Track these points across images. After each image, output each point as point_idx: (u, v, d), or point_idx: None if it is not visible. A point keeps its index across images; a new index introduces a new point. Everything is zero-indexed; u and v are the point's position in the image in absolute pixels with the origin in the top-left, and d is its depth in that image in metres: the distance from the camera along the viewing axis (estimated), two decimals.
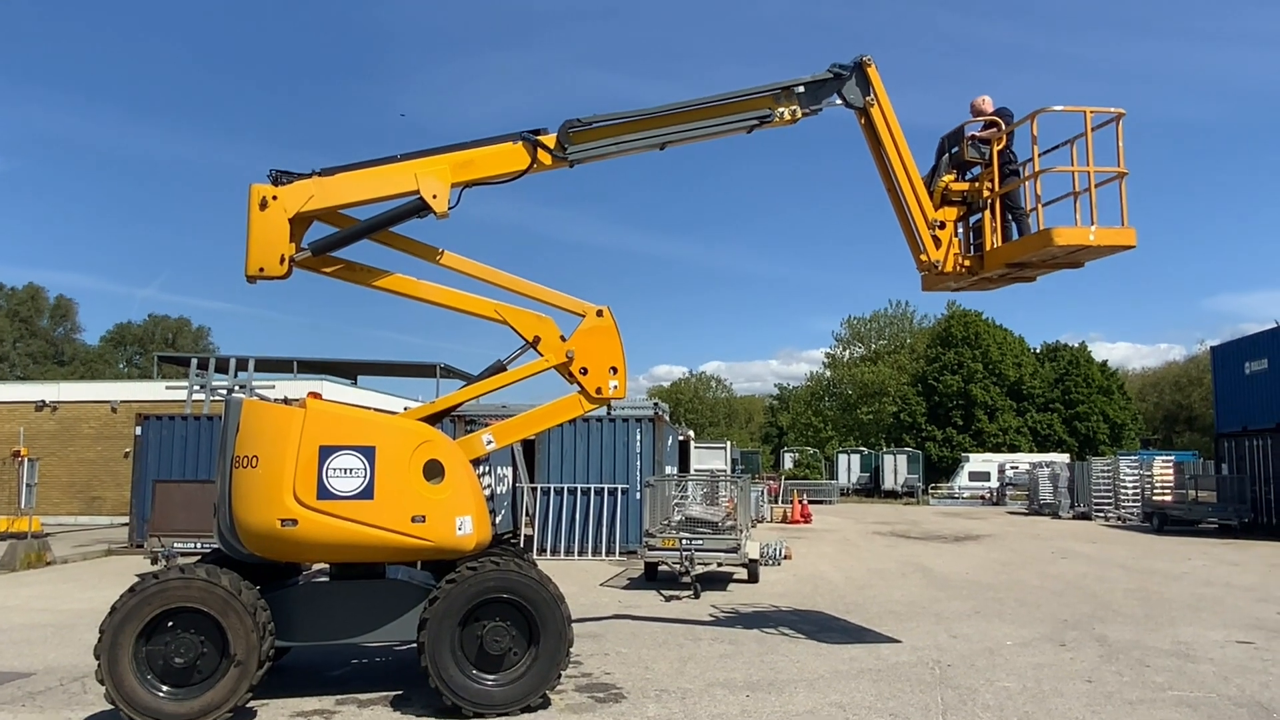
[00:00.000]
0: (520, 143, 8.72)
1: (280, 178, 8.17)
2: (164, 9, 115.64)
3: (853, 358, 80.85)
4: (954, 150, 10.03)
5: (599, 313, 8.69)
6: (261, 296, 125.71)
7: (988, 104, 10.06)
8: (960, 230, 10.05)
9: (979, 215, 9.90)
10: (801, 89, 9.31)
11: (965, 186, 9.92)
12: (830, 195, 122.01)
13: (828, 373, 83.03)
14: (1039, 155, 9.29)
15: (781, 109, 9.22)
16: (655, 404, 27.19)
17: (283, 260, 8.05)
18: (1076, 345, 70.75)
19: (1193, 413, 78.95)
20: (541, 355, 8.61)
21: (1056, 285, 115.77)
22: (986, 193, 9.74)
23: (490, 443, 8.48)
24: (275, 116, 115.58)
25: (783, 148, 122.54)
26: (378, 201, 8.43)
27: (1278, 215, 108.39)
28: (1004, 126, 9.75)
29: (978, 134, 9.93)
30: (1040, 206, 9.24)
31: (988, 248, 9.71)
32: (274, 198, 8.07)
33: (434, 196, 8.35)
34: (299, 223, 8.21)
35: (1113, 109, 9.07)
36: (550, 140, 8.81)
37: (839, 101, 9.45)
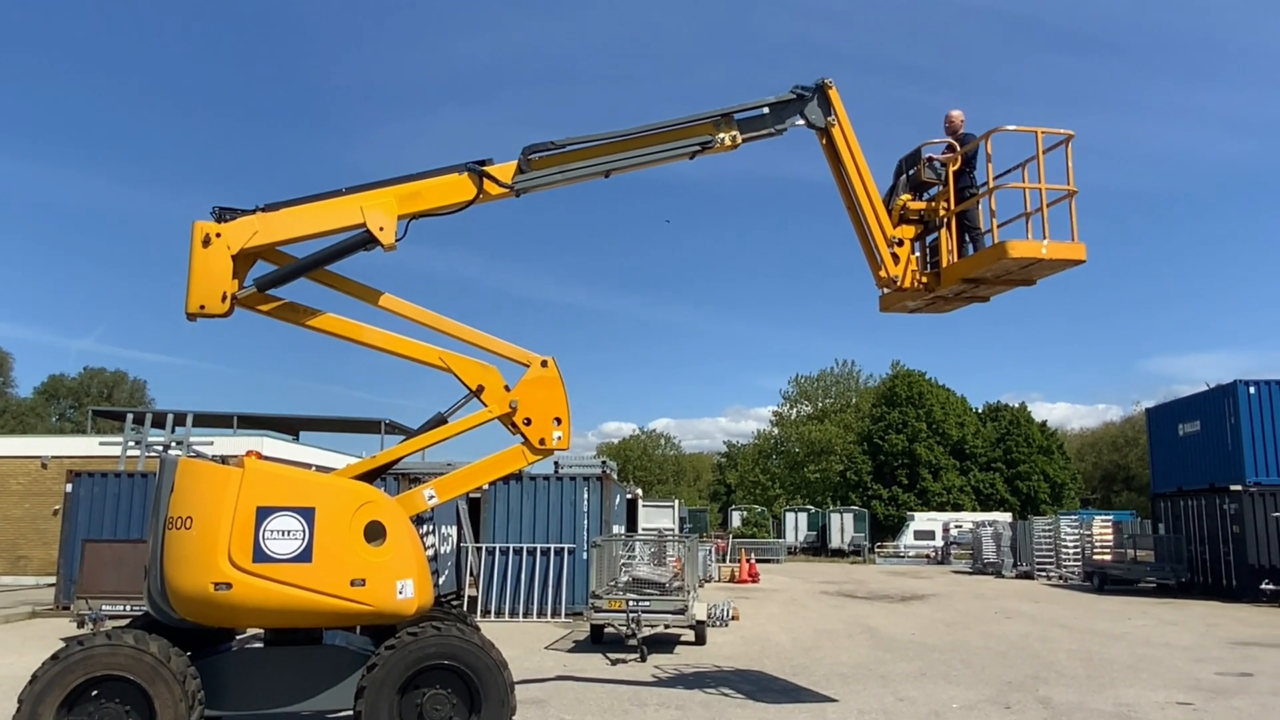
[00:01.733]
0: (466, 173, 8.72)
1: (224, 214, 8.11)
2: (104, 53, 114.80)
3: (800, 416, 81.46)
4: (911, 172, 10.29)
5: (544, 363, 8.69)
6: (202, 349, 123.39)
7: (960, 119, 10.37)
8: (917, 249, 10.28)
9: (935, 235, 10.15)
10: (766, 110, 9.53)
11: (922, 206, 10.18)
12: (778, 256, 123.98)
13: (775, 431, 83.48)
14: (993, 175, 9.57)
15: (722, 135, 9.36)
16: (603, 462, 27.01)
17: (224, 298, 7.95)
18: (1017, 405, 72.23)
19: (1130, 473, 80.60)
20: (485, 406, 8.56)
21: (998, 345, 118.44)
22: (943, 211, 10.01)
23: (432, 498, 8.36)
24: (223, 166, 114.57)
25: (734, 211, 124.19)
26: (323, 236, 8.38)
27: (1208, 280, 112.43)
28: (960, 149, 10.03)
29: (935, 155, 10.20)
30: (995, 224, 9.52)
31: (944, 265, 9.94)
32: (217, 234, 8.00)
33: (380, 229, 8.31)
34: (242, 260, 8.13)
35: (1063, 130, 9.39)
36: (499, 170, 8.83)
37: (801, 121, 9.67)
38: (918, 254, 10.24)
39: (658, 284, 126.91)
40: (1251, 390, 27.46)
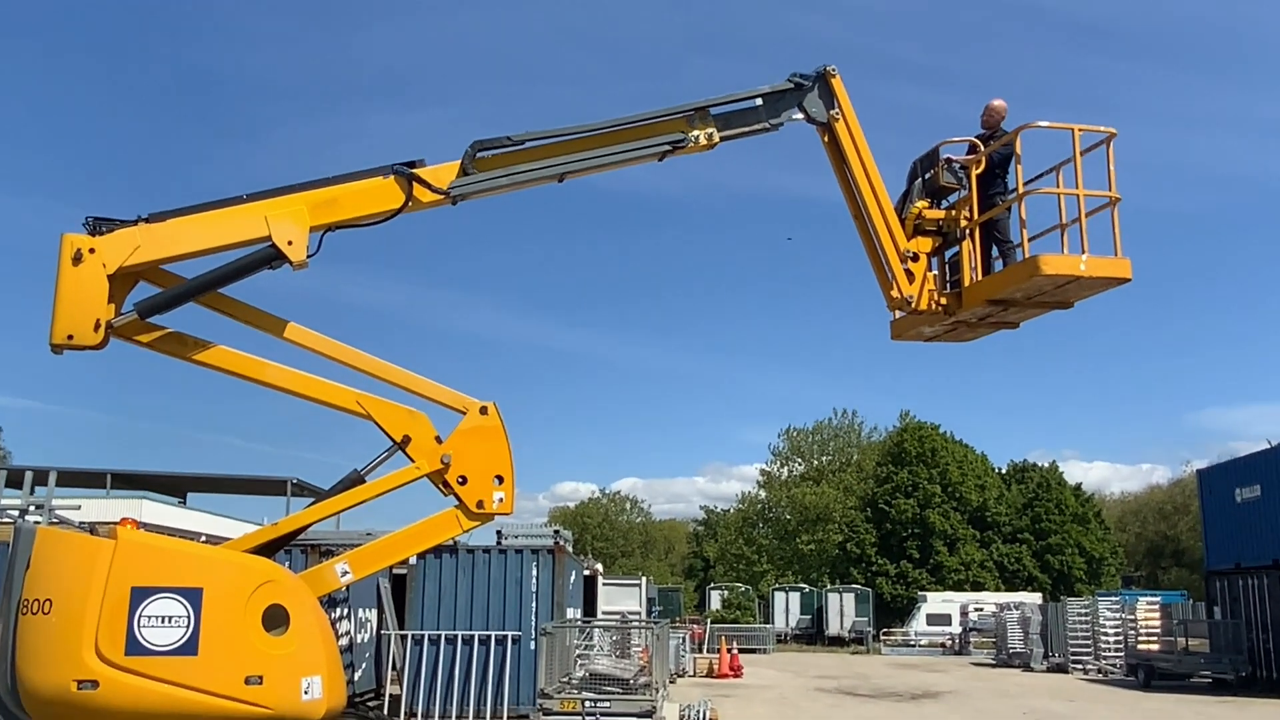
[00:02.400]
0: (393, 176, 8.67)
1: (99, 226, 8.01)
2: None
3: (792, 476, 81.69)
4: (927, 176, 10.37)
5: (483, 409, 8.64)
6: (69, 390, 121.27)
7: (1002, 109, 10.49)
8: (935, 266, 10.36)
9: (956, 249, 10.26)
10: (759, 102, 9.57)
11: (941, 215, 10.27)
12: (767, 286, 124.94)
13: (762, 493, 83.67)
14: (1023, 179, 9.71)
15: (696, 132, 9.38)
16: (556, 531, 26.81)
17: (98, 326, 7.85)
18: (1046, 465, 73.03)
19: (1180, 545, 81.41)
20: (411, 461, 8.47)
21: (1024, 393, 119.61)
22: (964, 222, 10.09)
23: (346, 574, 8.28)
24: (99, 170, 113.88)
25: (714, 231, 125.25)
26: (219, 251, 8.30)
27: (1269, 319, 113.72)
28: (984, 148, 10.16)
29: (955, 157, 10.30)
30: (1025, 235, 9.62)
31: (966, 284, 10.02)
32: (91, 250, 7.89)
33: (289, 243, 8.24)
34: (120, 282, 8.04)
35: (1103, 128, 9.56)
36: (432, 172, 8.77)
37: (799, 116, 9.72)
38: (935, 271, 10.32)
39: (624, 318, 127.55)
40: None
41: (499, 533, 27.83)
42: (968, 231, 10.08)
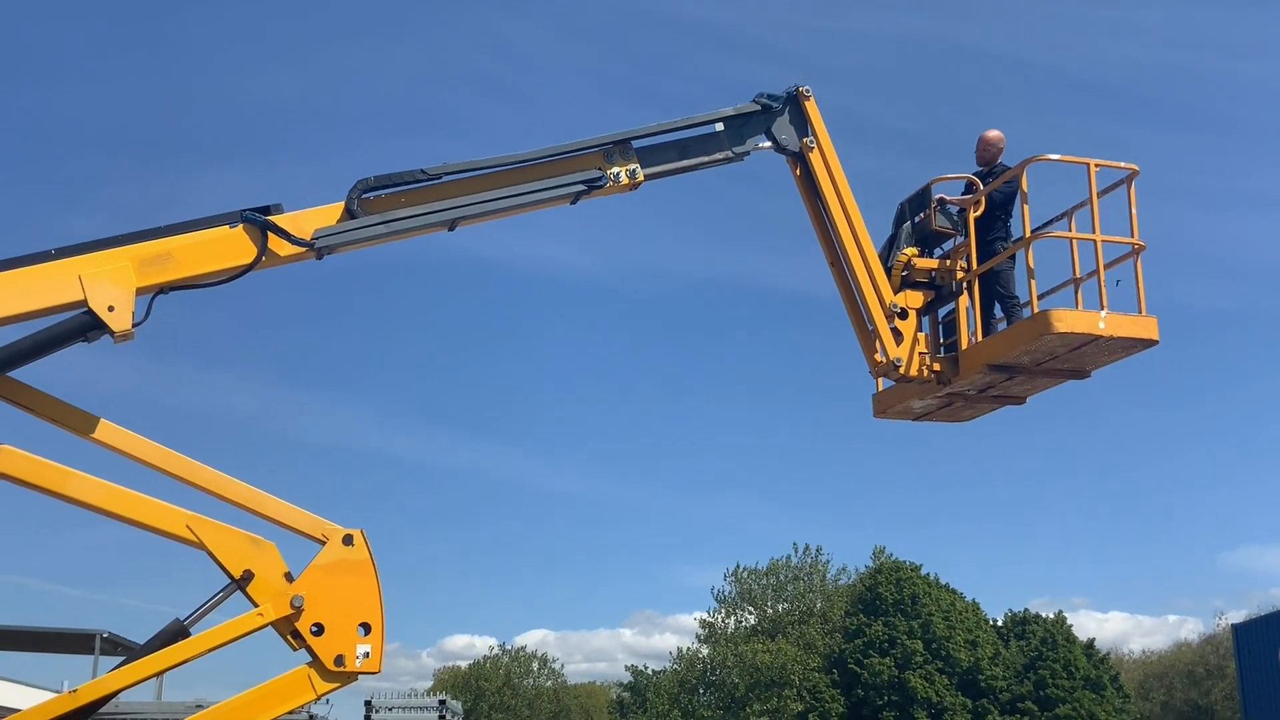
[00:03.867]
0: (242, 225, 8.56)
1: None
2: None
3: (741, 629, 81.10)
4: (917, 219, 10.71)
5: (347, 539, 8.41)
6: None
7: (999, 142, 10.90)
8: (927, 326, 10.60)
9: (951, 306, 10.53)
10: (721, 126, 9.75)
11: (934, 264, 10.52)
12: (713, 385, 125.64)
13: (704, 650, 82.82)
14: (1029, 223, 10.02)
15: (616, 169, 9.52)
16: (441, 702, 26.37)
17: None
18: (1052, 617, 73.28)
19: (1215, 715, 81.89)
20: (254, 604, 8.14)
21: (1024, 531, 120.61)
22: (961, 273, 10.34)
23: None
24: None
25: (647, 318, 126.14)
26: (20, 320, 8.07)
27: None
28: (983, 187, 10.46)
29: (950, 198, 10.62)
30: (1034, 288, 9.89)
31: (963, 346, 10.23)
32: None
33: (109, 308, 8.04)
34: None
35: (1124, 164, 9.92)
36: (292, 220, 8.70)
37: (766, 144, 9.94)
38: (927, 332, 10.55)
39: (528, 428, 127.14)
40: None
41: (368, 703, 27.19)
42: (965, 285, 10.44)
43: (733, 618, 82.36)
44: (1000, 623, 74.09)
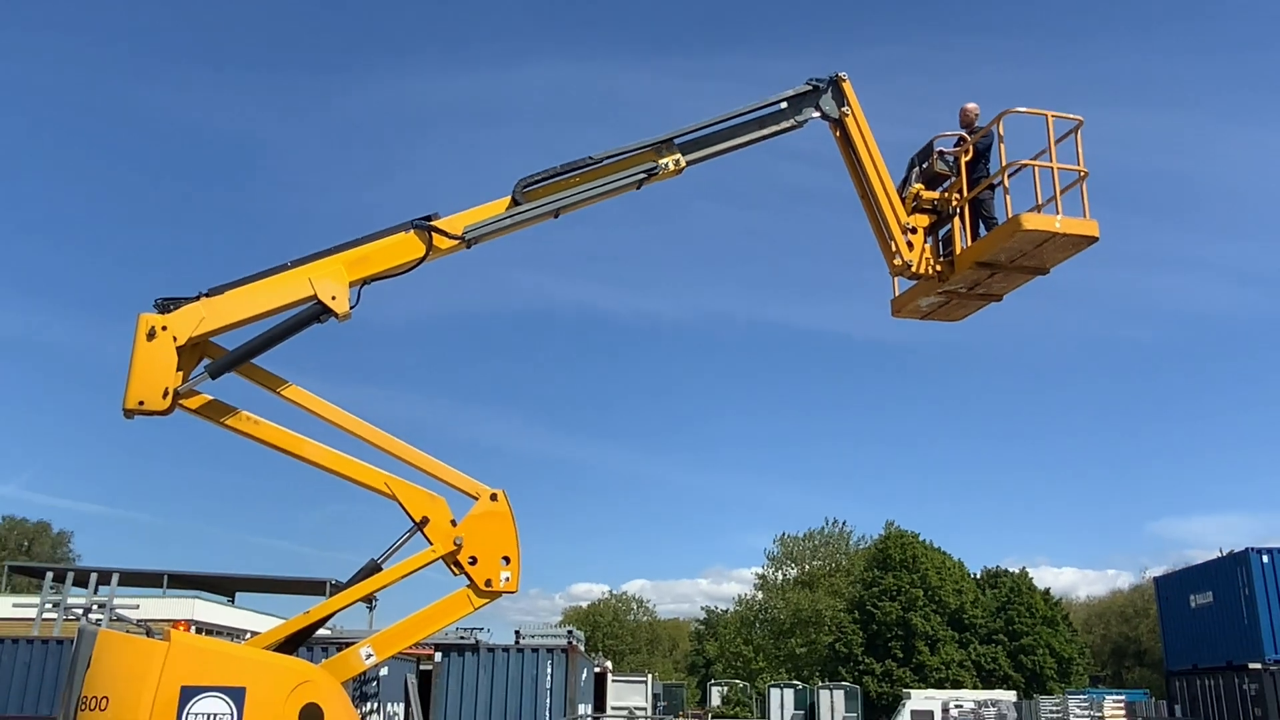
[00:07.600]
0: (413, 231, 8.80)
1: (167, 305, 8.12)
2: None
3: (786, 580, 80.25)
4: (923, 166, 10.95)
5: (494, 496, 8.49)
6: (135, 497, 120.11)
7: (975, 111, 11.11)
8: (931, 241, 10.84)
9: (949, 227, 10.73)
10: (784, 104, 10.01)
11: (936, 196, 10.80)
12: (769, 404, 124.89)
13: (759, 596, 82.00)
14: (1005, 157, 10.33)
15: (665, 160, 9.61)
16: (569, 631, 26.53)
17: (166, 394, 7.87)
18: (1018, 571, 71.54)
19: (1142, 646, 79.38)
20: (429, 542, 8.30)
21: (998, 506, 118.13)
22: (956, 201, 10.62)
23: (370, 657, 8.09)
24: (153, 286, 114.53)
25: (718, 356, 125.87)
26: (273, 314, 8.39)
27: (1218, 436, 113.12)
28: (970, 139, 10.76)
29: (946, 149, 10.88)
30: (1010, 207, 10.13)
31: (958, 252, 10.46)
32: (163, 327, 7.97)
33: (333, 298, 8.36)
34: (188, 352, 8.11)
35: (1073, 115, 10.31)
36: (447, 223, 8.90)
37: (816, 114, 10.19)
38: (931, 244, 10.82)
39: (633, 431, 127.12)
40: (1265, 559, 27.42)
41: (517, 633, 27.45)
42: (958, 209, 10.65)
43: (780, 572, 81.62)
44: (979, 575, 72.50)
